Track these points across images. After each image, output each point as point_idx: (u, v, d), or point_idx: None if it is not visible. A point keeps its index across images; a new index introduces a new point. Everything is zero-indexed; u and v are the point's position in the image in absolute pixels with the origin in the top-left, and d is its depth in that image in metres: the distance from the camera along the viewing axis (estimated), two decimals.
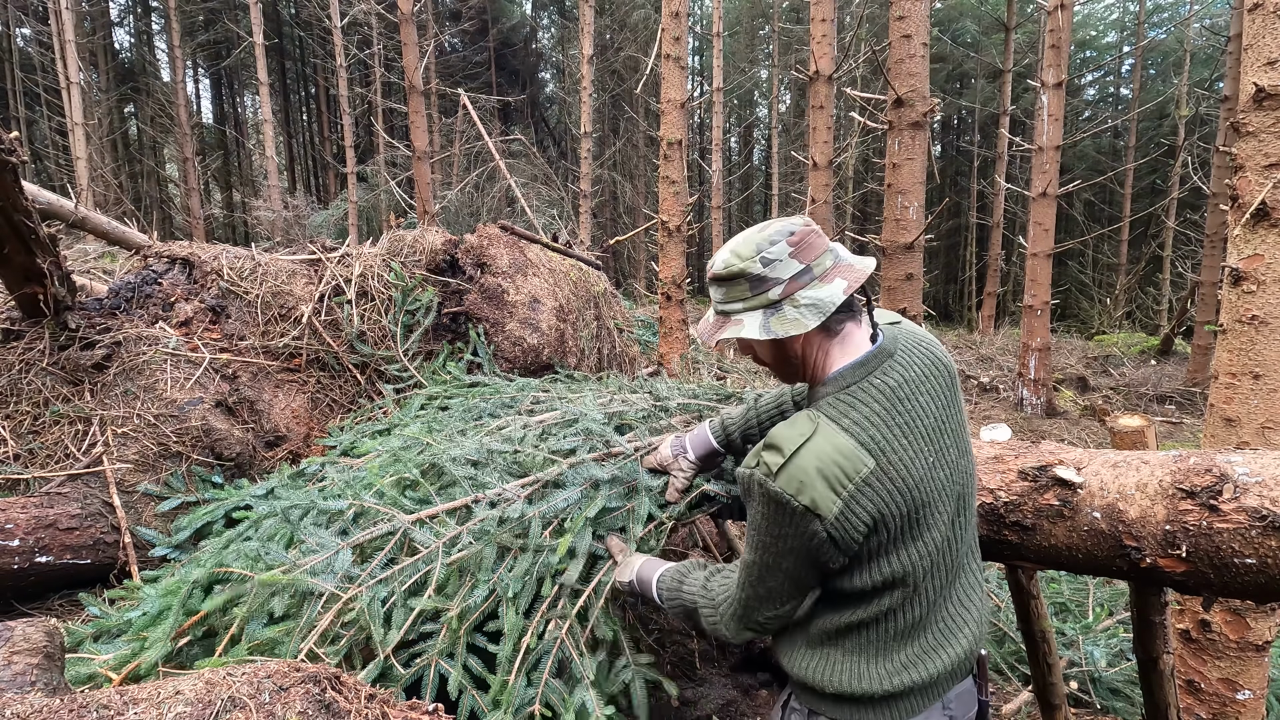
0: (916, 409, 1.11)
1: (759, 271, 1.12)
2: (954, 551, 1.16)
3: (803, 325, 1.10)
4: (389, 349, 3.11)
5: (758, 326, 1.12)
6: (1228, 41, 9.77)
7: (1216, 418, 2.22)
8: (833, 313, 1.11)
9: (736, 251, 1.14)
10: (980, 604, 1.23)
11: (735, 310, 1.16)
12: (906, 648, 1.15)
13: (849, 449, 1.05)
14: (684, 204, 5.30)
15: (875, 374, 1.12)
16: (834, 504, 1.03)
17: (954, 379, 1.19)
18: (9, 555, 1.97)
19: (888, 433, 1.07)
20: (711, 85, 13.07)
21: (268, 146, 14.74)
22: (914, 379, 1.13)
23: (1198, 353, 9.45)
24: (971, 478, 1.20)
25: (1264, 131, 2.03)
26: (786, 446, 1.06)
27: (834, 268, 1.14)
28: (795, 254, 1.12)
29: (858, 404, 1.10)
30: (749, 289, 1.13)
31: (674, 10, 5.06)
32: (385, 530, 1.62)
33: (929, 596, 1.14)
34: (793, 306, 1.11)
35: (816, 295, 1.11)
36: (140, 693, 1.04)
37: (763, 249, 1.12)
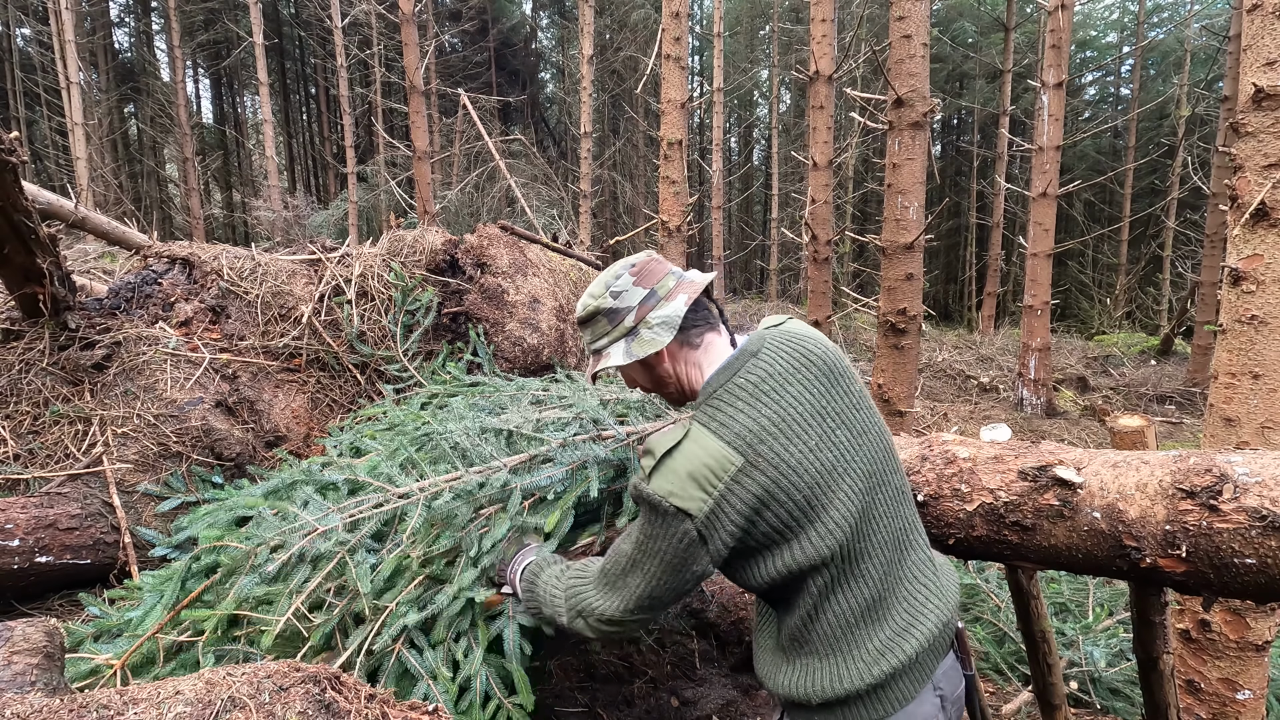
0: (786, 399, 1.16)
1: (610, 305, 1.25)
2: (884, 526, 1.21)
3: (659, 342, 1.21)
4: (389, 349, 3.11)
5: (622, 353, 1.23)
6: (1227, 42, 9.77)
7: (1216, 418, 2.22)
8: (690, 326, 1.24)
9: (590, 293, 1.28)
10: (945, 580, 1.28)
11: (602, 345, 1.27)
12: (876, 634, 1.18)
13: (715, 449, 1.11)
14: (684, 204, 5.30)
15: (738, 374, 1.19)
16: (704, 504, 1.10)
17: (832, 367, 1.23)
18: (9, 555, 1.97)
19: (753, 426, 1.13)
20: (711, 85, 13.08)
21: (268, 146, 14.74)
22: (780, 372, 1.19)
23: (1198, 353, 9.45)
24: (885, 456, 1.25)
25: (1263, 132, 2.03)
26: (658, 451, 1.15)
27: (676, 286, 1.26)
28: (638, 281, 1.25)
29: (723, 405, 1.16)
30: (607, 323, 1.25)
31: (674, 10, 5.06)
32: (377, 500, 1.64)
33: (873, 574, 1.18)
34: (646, 328, 1.23)
35: (664, 313, 1.22)
36: (140, 693, 1.04)
37: (610, 285, 1.25)
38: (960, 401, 9.34)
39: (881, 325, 4.46)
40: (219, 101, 25.03)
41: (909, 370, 4.40)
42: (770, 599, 1.24)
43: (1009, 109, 13.31)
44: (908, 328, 4.31)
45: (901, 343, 4.34)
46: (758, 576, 1.17)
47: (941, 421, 8.28)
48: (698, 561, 1.13)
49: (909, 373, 4.41)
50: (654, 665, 2.52)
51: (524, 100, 21.82)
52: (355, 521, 1.61)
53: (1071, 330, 16.16)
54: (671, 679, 2.49)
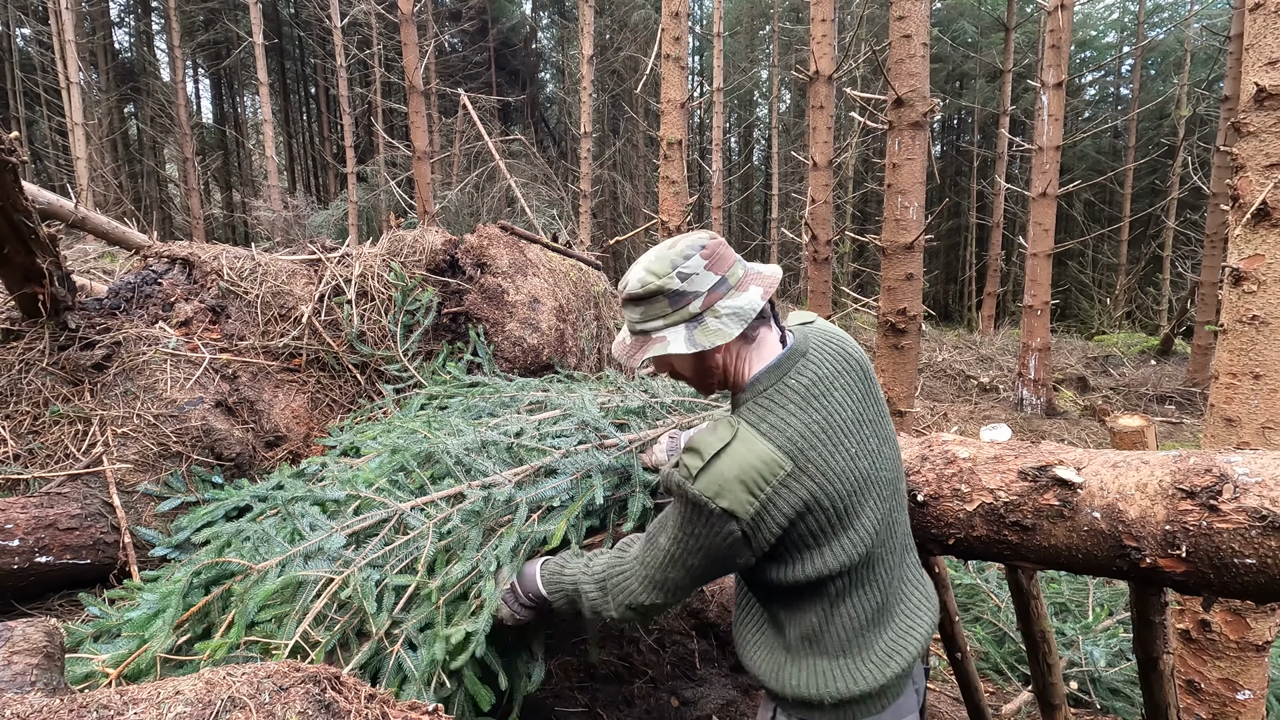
0: (832, 404, 1.15)
1: (677, 286, 1.14)
2: (894, 536, 1.23)
3: (727, 334, 1.13)
4: (389, 349, 3.11)
5: (683, 340, 1.14)
6: (1228, 41, 9.76)
7: (1217, 418, 2.22)
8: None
9: (651, 269, 1.16)
10: (930, 588, 1.32)
11: (655, 328, 1.17)
12: (882, 635, 1.20)
13: (766, 453, 1.09)
14: (684, 204, 5.30)
15: (790, 374, 1.16)
16: (751, 506, 1.08)
17: (867, 372, 1.23)
18: (9, 555, 1.97)
19: (805, 431, 1.11)
20: (711, 85, 13.08)
21: (268, 146, 14.73)
22: (827, 375, 1.17)
23: (1198, 353, 9.45)
24: (898, 465, 1.26)
25: (1265, 131, 2.03)
26: (706, 452, 1.10)
27: (746, 276, 1.19)
28: (710, 266, 1.16)
29: (774, 406, 1.13)
30: (669, 305, 1.15)
31: (674, 10, 5.06)
32: (380, 517, 1.63)
33: (882, 580, 1.20)
34: (714, 317, 1.14)
35: (736, 304, 1.15)
36: (140, 693, 1.04)
37: (678, 264, 1.15)
38: (960, 401, 9.34)
39: (881, 325, 4.46)
40: (219, 101, 25.02)
41: (909, 370, 4.40)
42: (783, 599, 1.23)
43: (1009, 109, 13.30)
44: (908, 328, 4.31)
45: (901, 343, 4.34)
46: (786, 576, 1.16)
47: (941, 421, 8.27)
48: (741, 556, 1.13)
49: (909, 373, 4.41)
50: (654, 665, 2.52)
51: (524, 100, 21.82)
52: (359, 539, 1.61)
53: (1071, 330, 16.16)
54: (671, 679, 2.49)
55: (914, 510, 1.52)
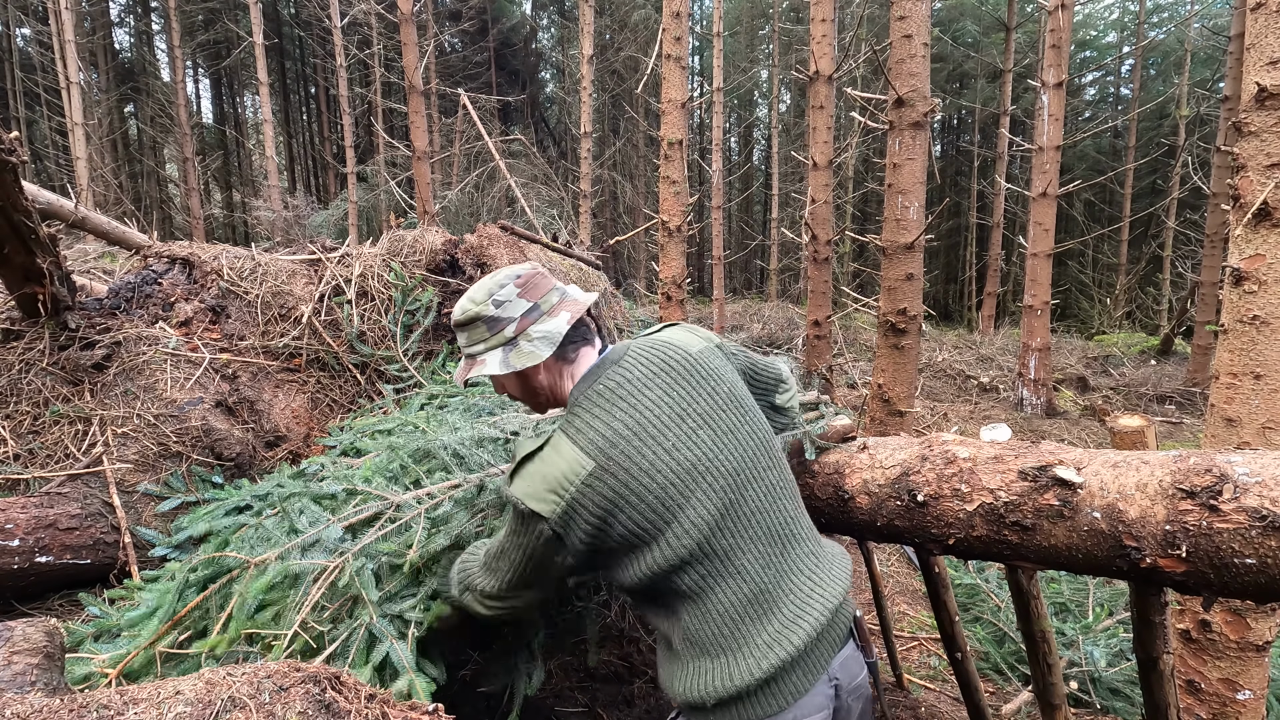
0: (644, 403, 1.21)
1: (492, 313, 1.26)
2: (758, 522, 1.23)
3: (537, 356, 1.24)
4: (389, 349, 3.11)
5: (498, 363, 1.25)
6: (1229, 41, 9.76)
7: (1217, 418, 2.22)
8: (567, 342, 1.28)
9: (472, 298, 1.28)
10: (833, 571, 1.29)
11: (478, 351, 1.28)
12: (764, 628, 1.19)
13: (569, 455, 1.16)
14: (684, 204, 5.30)
15: (599, 380, 1.25)
16: (556, 506, 1.15)
17: (696, 371, 1.28)
18: (9, 555, 1.97)
19: (607, 431, 1.17)
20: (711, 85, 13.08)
21: (268, 146, 14.73)
22: (638, 377, 1.24)
23: (1198, 353, 9.44)
24: (756, 454, 1.27)
25: (1266, 131, 2.03)
26: (520, 454, 1.22)
27: (560, 303, 1.30)
28: (523, 294, 1.28)
29: (581, 412, 1.21)
30: (486, 330, 1.27)
31: (675, 10, 5.06)
32: (376, 509, 1.65)
33: (751, 570, 1.21)
34: (526, 341, 1.26)
35: (546, 329, 1.26)
36: (140, 693, 1.04)
37: (493, 293, 1.27)
38: (960, 401, 9.34)
39: (881, 325, 4.46)
40: (219, 101, 25.02)
41: (909, 370, 4.40)
42: (651, 601, 1.27)
43: (1009, 109, 13.29)
44: (908, 328, 4.31)
45: (901, 343, 4.34)
46: (628, 575, 1.21)
47: (941, 421, 8.27)
48: (558, 554, 1.19)
49: (909, 373, 4.41)
50: (654, 665, 2.52)
51: (524, 100, 21.82)
52: (355, 530, 1.62)
53: (1071, 330, 16.15)
54: None
55: (914, 510, 1.52)
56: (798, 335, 11.24)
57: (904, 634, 3.47)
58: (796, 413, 1.64)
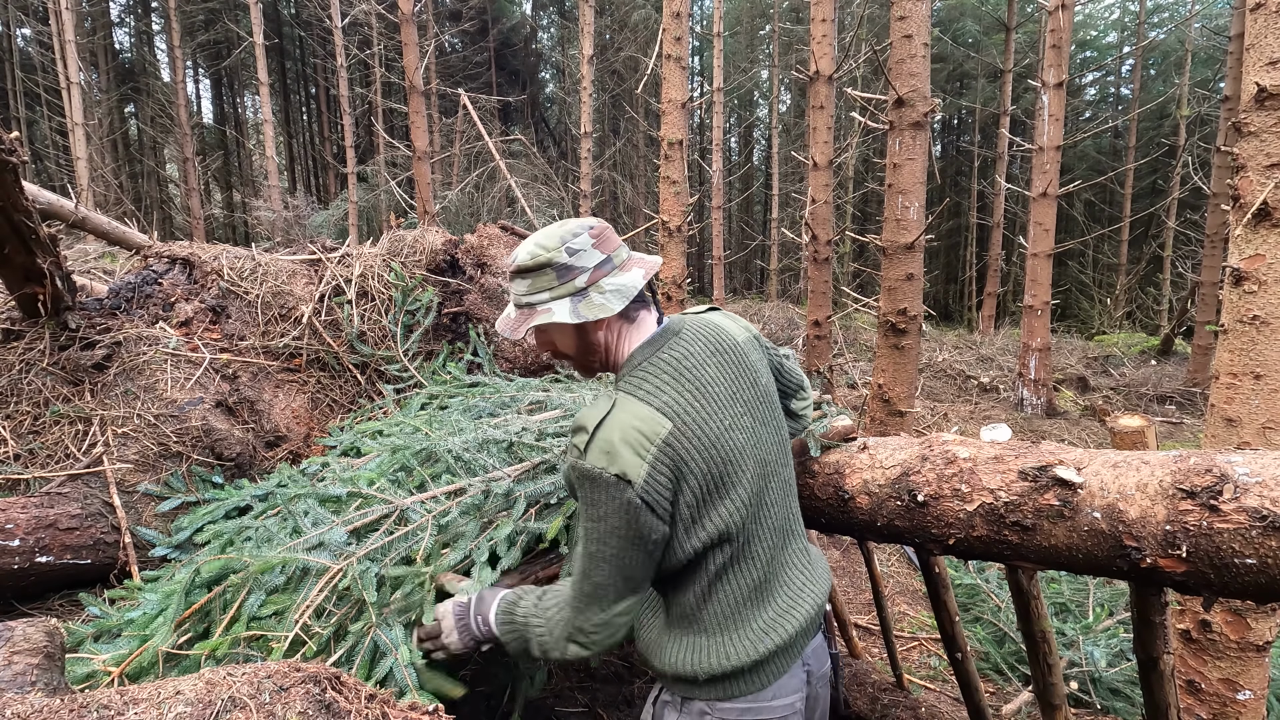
0: (705, 377, 1.21)
1: (565, 260, 1.20)
2: (773, 514, 1.27)
3: (609, 309, 1.19)
4: (389, 349, 3.11)
5: (567, 312, 1.19)
6: (1229, 41, 9.76)
7: (1217, 418, 2.22)
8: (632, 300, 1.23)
9: (541, 244, 1.21)
10: (819, 569, 1.37)
11: (541, 300, 1.22)
12: (760, 614, 1.23)
13: (646, 414, 1.13)
14: (684, 204, 5.30)
15: (663, 349, 1.23)
16: (641, 468, 1.10)
17: (744, 358, 1.28)
18: (9, 555, 1.97)
19: (679, 397, 1.16)
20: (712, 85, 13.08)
21: (268, 146, 14.73)
22: (699, 353, 1.23)
23: (1198, 353, 9.44)
24: (779, 449, 1.31)
25: (1266, 131, 2.03)
26: (590, 424, 1.14)
27: (630, 259, 1.28)
28: (597, 245, 1.23)
29: (650, 375, 1.19)
30: (555, 278, 1.21)
31: (675, 10, 5.06)
32: (381, 513, 1.64)
33: (762, 558, 1.24)
34: (598, 293, 1.20)
35: (619, 282, 1.22)
36: (140, 693, 1.04)
37: (567, 240, 1.21)
38: (960, 401, 9.34)
39: (882, 325, 4.46)
40: (219, 101, 25.02)
41: (909, 370, 4.40)
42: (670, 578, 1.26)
43: (1009, 109, 13.29)
44: (908, 328, 4.31)
45: (902, 343, 4.34)
46: (683, 550, 1.18)
47: (941, 421, 8.27)
48: (652, 528, 1.12)
49: (909, 373, 4.41)
50: None
51: (524, 100, 21.82)
52: (360, 534, 1.62)
53: (1071, 330, 16.15)
54: None
55: (914, 510, 1.52)
56: (798, 335, 11.24)
57: (904, 634, 3.47)
58: (808, 420, 1.67)
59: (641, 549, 1.14)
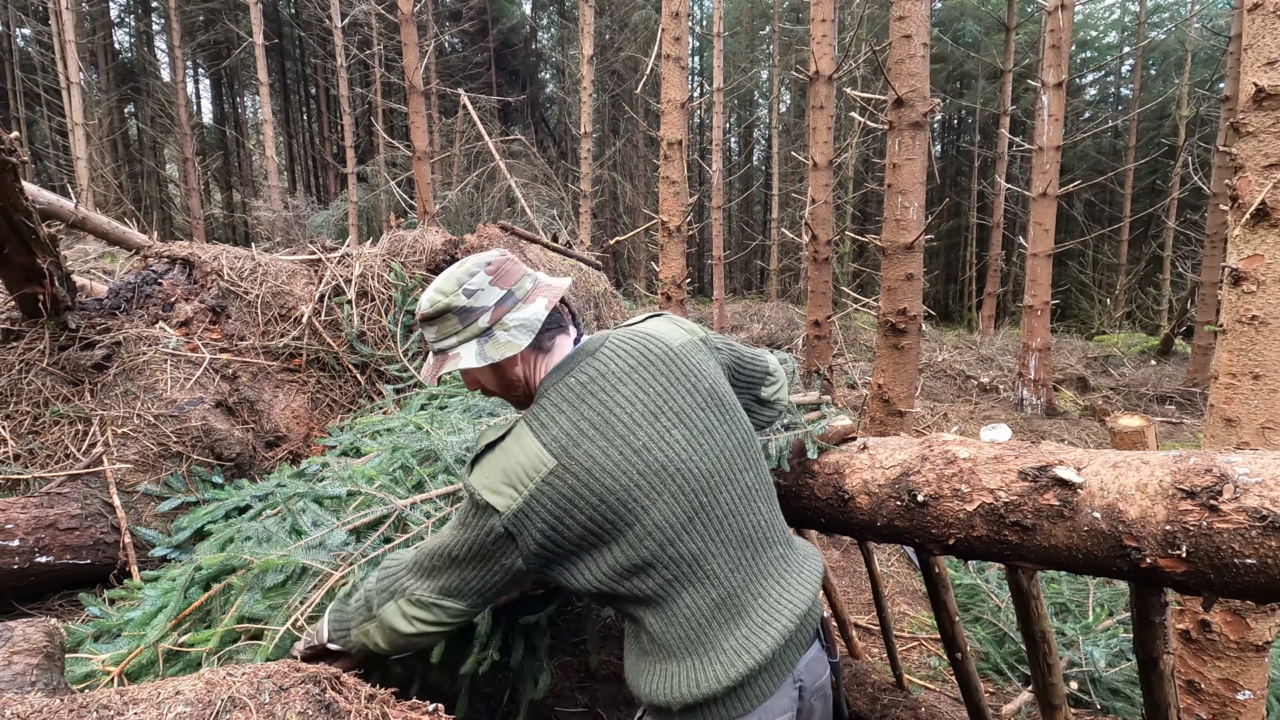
0: (615, 399, 1.16)
1: (464, 303, 1.18)
2: (728, 526, 1.19)
3: (516, 345, 1.17)
4: (389, 349, 3.11)
5: (474, 355, 1.17)
6: (1229, 41, 9.76)
7: (1216, 418, 2.22)
8: (543, 330, 1.21)
9: (439, 289, 1.20)
10: (803, 574, 1.26)
11: (450, 345, 1.20)
12: (732, 633, 1.16)
13: (531, 449, 1.12)
14: (684, 204, 5.30)
15: (572, 372, 1.19)
16: (512, 502, 1.10)
17: (676, 366, 1.22)
18: (9, 555, 1.97)
19: (572, 428, 1.13)
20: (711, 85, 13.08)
21: (268, 147, 14.73)
22: (614, 370, 1.18)
23: (1198, 353, 9.44)
24: (734, 454, 1.22)
25: (1264, 131, 2.03)
26: (481, 444, 1.17)
27: (534, 289, 1.23)
28: (495, 281, 1.20)
29: (547, 405, 1.17)
30: (458, 321, 1.19)
31: (674, 10, 5.06)
32: (380, 514, 1.64)
33: (720, 574, 1.17)
34: (503, 330, 1.18)
35: (523, 316, 1.19)
36: (140, 693, 1.04)
37: (463, 282, 1.19)
38: (960, 401, 9.34)
39: (881, 325, 4.46)
40: (219, 101, 25.02)
41: (909, 370, 4.40)
42: (613, 605, 1.22)
43: (1009, 109, 13.30)
44: (908, 328, 4.31)
45: (901, 343, 4.34)
46: (581, 579, 1.16)
47: (941, 421, 8.27)
48: (507, 556, 1.13)
49: (909, 373, 4.41)
50: None
51: (524, 100, 21.82)
52: (359, 534, 1.62)
53: (1071, 330, 16.16)
54: None
55: (914, 510, 1.52)
56: (798, 335, 11.24)
57: (904, 634, 3.48)
58: (786, 405, 1.59)
59: (487, 569, 1.16)
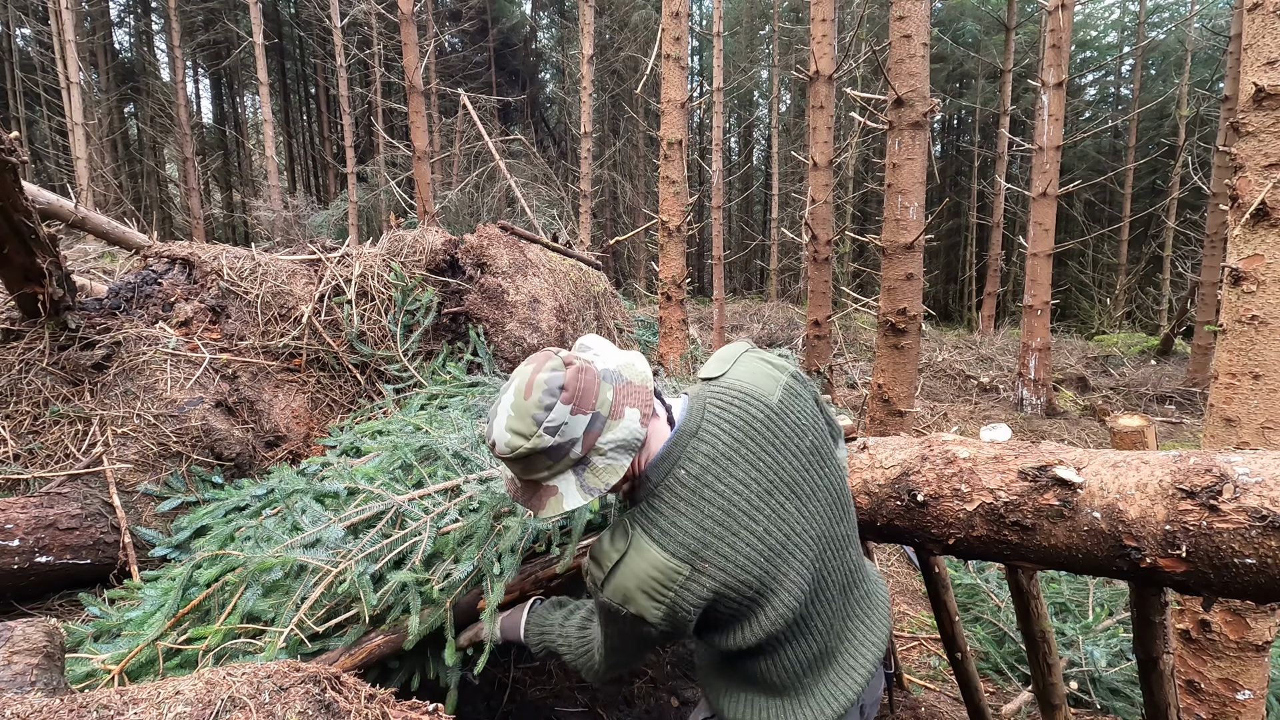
0: (731, 484, 1.10)
1: (550, 443, 1.04)
2: (834, 579, 1.21)
3: (617, 471, 1.07)
4: (389, 349, 3.11)
5: (576, 488, 1.07)
6: (1229, 41, 9.76)
7: (1216, 418, 2.22)
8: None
9: (516, 430, 1.04)
10: (883, 612, 1.31)
11: (543, 478, 1.08)
12: (823, 678, 1.22)
13: (660, 562, 1.07)
14: (684, 204, 5.30)
15: (679, 464, 1.10)
16: (657, 610, 1.08)
17: (779, 428, 1.14)
18: (9, 555, 1.97)
19: (697, 531, 1.08)
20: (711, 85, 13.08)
21: (268, 146, 14.73)
22: (723, 453, 1.11)
23: (1198, 353, 9.44)
24: (834, 507, 1.20)
25: (1264, 131, 2.03)
26: (606, 563, 1.11)
27: (616, 397, 1.08)
28: (577, 409, 1.05)
29: (665, 507, 1.09)
30: (548, 459, 1.06)
31: (674, 10, 5.06)
32: (378, 510, 1.64)
33: (820, 630, 1.20)
34: (599, 455, 1.07)
35: (618, 438, 1.06)
36: (140, 693, 1.04)
37: (542, 420, 1.03)
38: (960, 401, 9.34)
39: (881, 325, 4.46)
40: (219, 101, 25.02)
41: (909, 370, 4.40)
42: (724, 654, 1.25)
43: (1009, 109, 13.29)
44: (908, 328, 4.31)
45: (901, 343, 4.34)
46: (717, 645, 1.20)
47: (941, 421, 8.27)
48: (670, 639, 1.21)
49: (909, 373, 4.41)
50: (654, 665, 2.52)
51: (524, 100, 21.82)
52: (356, 530, 1.62)
53: (1071, 330, 16.16)
54: (671, 679, 2.49)
55: (914, 510, 1.52)
56: (798, 335, 11.24)
57: (904, 634, 3.47)
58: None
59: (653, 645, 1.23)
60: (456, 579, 1.51)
